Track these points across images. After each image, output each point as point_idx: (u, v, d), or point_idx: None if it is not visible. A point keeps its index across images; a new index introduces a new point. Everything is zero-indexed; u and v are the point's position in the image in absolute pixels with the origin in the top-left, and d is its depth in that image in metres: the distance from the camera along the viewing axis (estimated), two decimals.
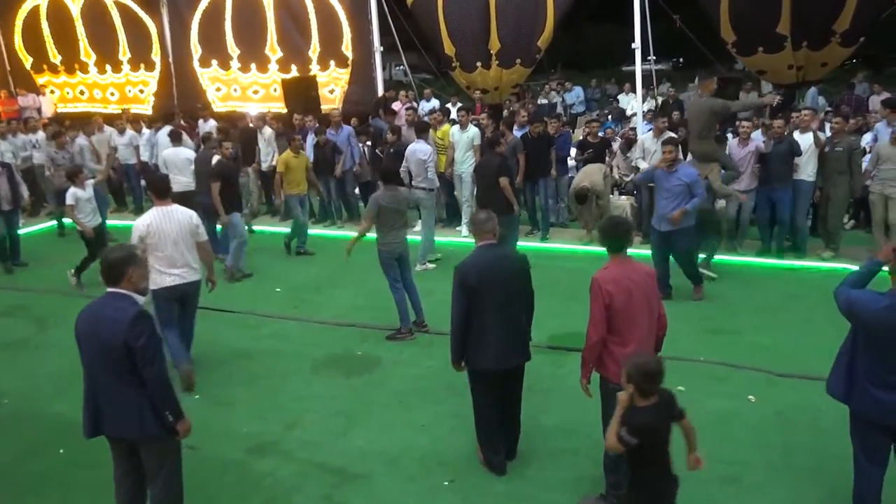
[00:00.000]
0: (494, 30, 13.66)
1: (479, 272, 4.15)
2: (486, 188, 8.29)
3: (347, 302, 7.48)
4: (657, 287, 3.97)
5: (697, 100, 8.59)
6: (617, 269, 3.87)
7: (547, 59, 28.75)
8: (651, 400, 3.20)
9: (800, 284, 7.69)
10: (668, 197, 7.04)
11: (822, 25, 12.09)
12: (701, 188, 7.03)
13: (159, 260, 5.48)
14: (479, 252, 4.30)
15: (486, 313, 4.17)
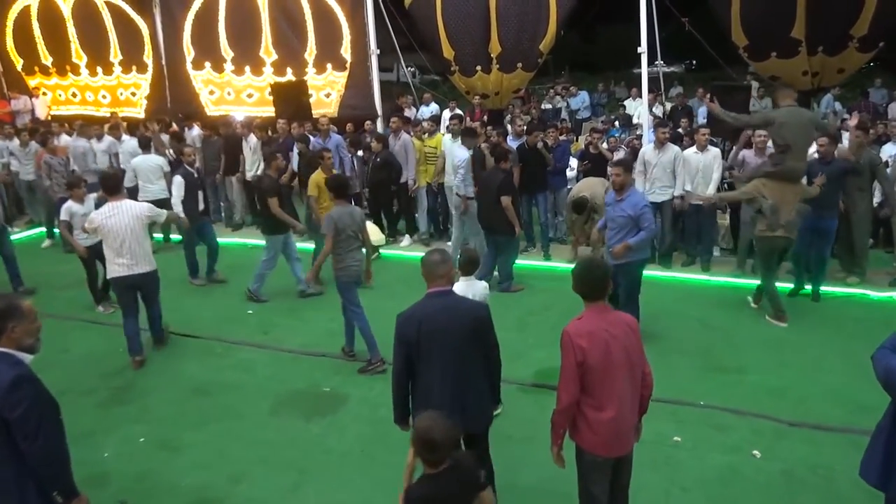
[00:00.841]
0: (495, 32, 13.10)
1: (421, 323, 3.57)
2: (488, 206, 7.80)
3: (322, 327, 6.97)
4: (640, 341, 3.41)
5: (798, 110, 7.01)
6: (592, 320, 3.32)
7: (554, 62, 28.45)
8: (437, 469, 2.77)
9: (812, 312, 7.10)
10: (613, 228, 6.26)
11: (838, 30, 11.46)
12: (648, 220, 6.04)
13: (109, 250, 6.12)
14: (427, 300, 3.69)
15: (431, 371, 3.61)
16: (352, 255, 6.03)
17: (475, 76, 13.58)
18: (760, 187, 6.64)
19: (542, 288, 7.83)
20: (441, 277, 3.69)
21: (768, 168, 6.83)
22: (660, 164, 8.23)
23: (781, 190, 6.58)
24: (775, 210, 6.50)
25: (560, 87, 18.24)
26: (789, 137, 6.54)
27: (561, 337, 3.31)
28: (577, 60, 31.41)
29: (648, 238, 6.18)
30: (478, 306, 3.83)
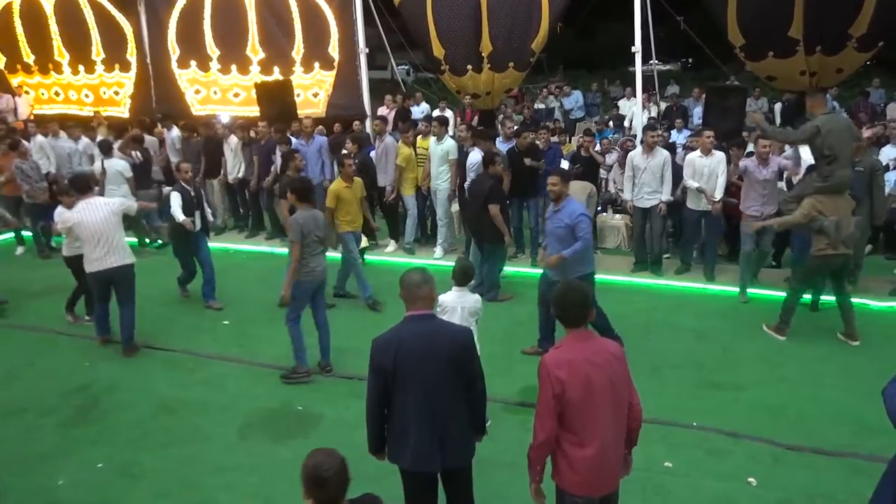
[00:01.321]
0: (486, 31, 12.80)
1: (399, 351, 3.26)
2: (476, 213, 7.52)
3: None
4: (627, 370, 3.11)
5: (836, 116, 6.67)
6: (573, 349, 3.03)
7: (548, 60, 28.15)
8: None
9: (810, 323, 6.81)
10: (550, 241, 5.94)
11: (837, 29, 11.20)
12: (584, 230, 5.68)
13: (86, 246, 6.25)
14: (405, 325, 3.37)
15: (408, 403, 3.30)
16: (315, 259, 5.83)
17: (466, 75, 13.28)
18: (816, 205, 6.12)
19: (531, 297, 7.49)
20: (421, 300, 3.37)
21: (818, 183, 6.24)
22: (648, 169, 7.93)
23: (836, 204, 6.13)
24: (839, 227, 6.02)
25: (553, 87, 17.92)
26: (836, 146, 6.08)
27: (538, 367, 3.02)
28: (573, 58, 31.14)
29: (584, 249, 5.72)
30: (461, 333, 3.46)
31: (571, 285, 3.16)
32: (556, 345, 3.13)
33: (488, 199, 7.27)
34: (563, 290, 3.15)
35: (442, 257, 9.05)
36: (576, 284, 3.20)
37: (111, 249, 6.21)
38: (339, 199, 7.23)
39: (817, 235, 6.13)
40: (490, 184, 7.39)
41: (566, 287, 3.17)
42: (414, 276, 3.42)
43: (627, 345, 6.28)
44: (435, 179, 9.04)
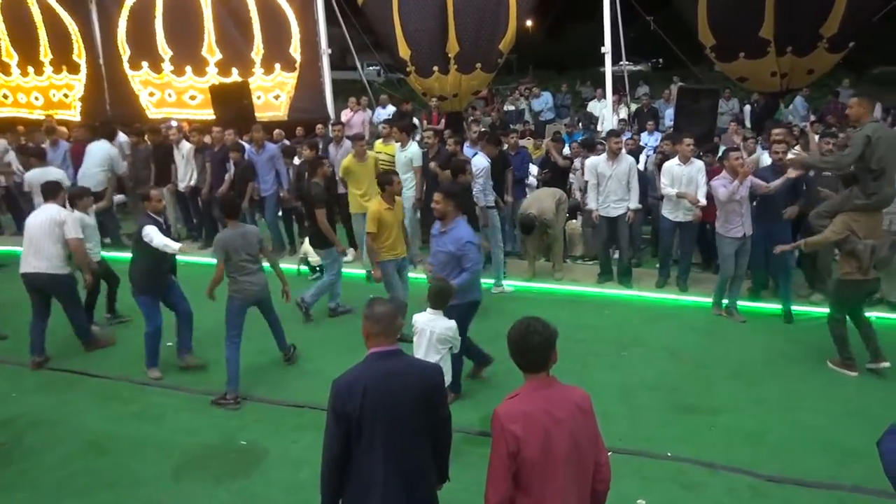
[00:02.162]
0: (452, 31, 12.43)
1: (366, 395, 2.80)
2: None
3: (248, 361, 6.16)
4: (594, 423, 2.72)
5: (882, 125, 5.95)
6: (531, 399, 2.63)
7: (518, 61, 27.87)
8: None
9: (786, 337, 6.52)
10: (436, 264, 5.35)
11: (808, 30, 11.07)
12: (472, 260, 5.07)
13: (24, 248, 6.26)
14: (370, 363, 2.93)
15: (374, 456, 2.82)
16: (248, 278, 5.57)
17: (432, 77, 12.90)
18: (851, 224, 5.49)
19: (497, 311, 7.13)
20: (388, 335, 2.94)
21: (860, 200, 5.52)
22: (614, 177, 7.56)
23: (874, 224, 5.53)
24: (874, 251, 5.40)
25: (523, 88, 17.58)
26: (886, 158, 5.36)
27: (491, 420, 2.62)
28: (543, 59, 30.91)
29: (473, 280, 5.16)
30: (431, 371, 3.03)
31: (531, 325, 2.72)
32: (512, 393, 2.74)
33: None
34: (521, 329, 2.72)
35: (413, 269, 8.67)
36: (536, 324, 2.74)
37: (40, 255, 6.14)
38: (381, 224, 6.20)
39: (846, 258, 5.55)
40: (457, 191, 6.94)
41: (525, 327, 2.72)
42: (379, 308, 2.96)
43: (599, 363, 6.05)
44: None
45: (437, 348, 4.60)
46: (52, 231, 6.12)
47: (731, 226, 6.80)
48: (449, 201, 5.28)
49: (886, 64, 27.53)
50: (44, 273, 6.12)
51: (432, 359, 4.47)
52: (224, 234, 5.56)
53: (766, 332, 6.62)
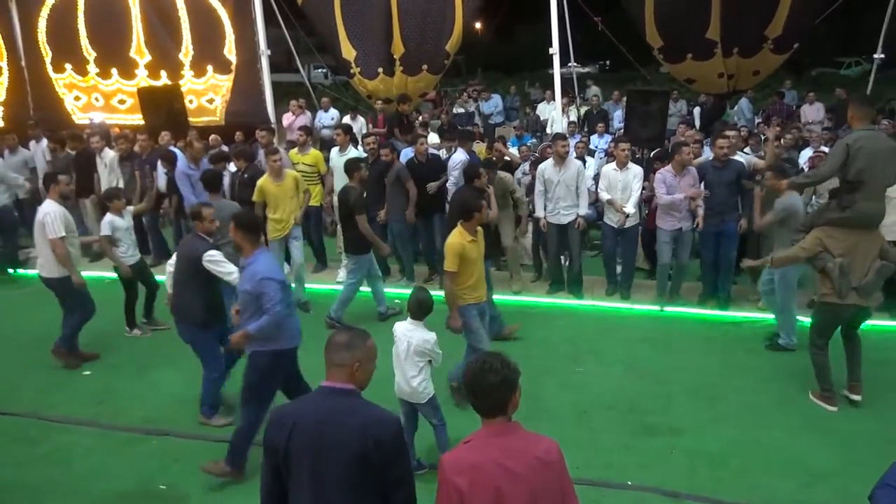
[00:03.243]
0: (397, 31, 12.03)
1: (294, 431, 2.43)
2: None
3: (172, 391, 5.67)
4: (562, 477, 2.33)
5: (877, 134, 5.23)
6: (484, 448, 2.27)
7: (467, 62, 27.62)
8: None
9: (741, 346, 6.30)
10: (240, 303, 4.50)
11: (753, 31, 11.10)
12: (271, 299, 4.17)
13: None
14: (312, 397, 2.63)
15: (301, 497, 2.44)
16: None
17: (377, 79, 12.47)
18: (824, 239, 5.01)
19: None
20: (340, 367, 2.53)
21: (834, 213, 5.04)
22: (562, 183, 7.23)
23: (853, 242, 4.94)
24: (846, 270, 4.89)
25: (472, 90, 17.28)
26: (866, 171, 4.85)
27: (438, 467, 2.25)
28: (492, 61, 30.76)
29: (271, 325, 4.24)
30: (381, 423, 2.46)
31: (487, 363, 2.35)
32: (467, 438, 2.35)
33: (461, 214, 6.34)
34: (476, 368, 2.35)
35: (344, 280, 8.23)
36: (493, 362, 2.35)
37: (41, 257, 6.10)
38: (463, 260, 5.10)
39: (822, 277, 5.05)
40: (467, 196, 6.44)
41: (480, 365, 2.35)
42: (339, 337, 2.60)
43: (553, 381, 5.70)
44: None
45: (414, 361, 4.33)
46: (41, 230, 5.96)
47: (668, 219, 6.94)
48: (239, 232, 4.37)
49: (823, 65, 28.32)
50: (51, 278, 6.04)
51: (409, 372, 4.33)
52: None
53: (722, 342, 6.40)
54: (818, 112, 13.15)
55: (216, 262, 4.94)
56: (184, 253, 5.10)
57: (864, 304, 4.99)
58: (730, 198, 6.85)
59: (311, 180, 8.21)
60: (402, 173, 7.62)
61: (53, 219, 5.90)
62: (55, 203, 6.06)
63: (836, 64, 28.82)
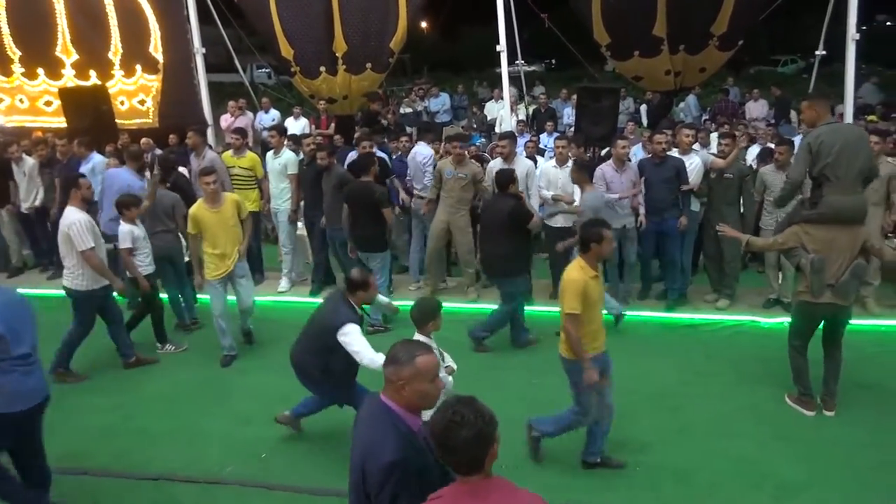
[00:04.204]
0: (339, 29, 11.58)
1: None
2: (492, 240, 6.20)
3: (95, 423, 5.14)
4: None
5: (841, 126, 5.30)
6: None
7: (413, 61, 27.28)
8: None
9: (700, 352, 6.12)
10: None
11: (699, 28, 11.07)
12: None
13: None
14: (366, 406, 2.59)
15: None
16: None
17: (319, 78, 11.97)
18: (802, 236, 4.88)
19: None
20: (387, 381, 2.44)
21: (807, 211, 4.95)
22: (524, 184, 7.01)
23: (830, 238, 4.78)
24: (818, 267, 4.72)
25: (418, 89, 16.93)
26: (832, 165, 4.74)
27: None
28: (439, 60, 30.50)
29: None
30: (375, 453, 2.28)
31: (457, 414, 2.05)
32: (435, 494, 2.05)
33: (518, 220, 6.05)
34: (443, 420, 2.06)
35: (289, 290, 7.80)
36: (464, 412, 2.06)
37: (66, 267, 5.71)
38: (586, 300, 4.16)
39: (801, 276, 4.98)
40: (512, 205, 6.07)
41: (448, 417, 2.06)
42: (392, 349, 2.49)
43: (507, 396, 5.31)
44: (275, 199, 7.77)
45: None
46: (66, 241, 5.56)
47: (612, 216, 6.64)
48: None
49: (761, 63, 28.99)
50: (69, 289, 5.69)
51: None
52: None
53: (680, 347, 6.21)
54: (762, 109, 13.27)
55: (351, 338, 4.28)
56: (323, 313, 4.54)
57: (840, 303, 4.80)
58: (669, 195, 6.77)
59: (247, 185, 7.75)
60: (342, 178, 7.21)
61: (80, 230, 5.46)
62: (79, 210, 5.61)
63: (773, 62, 29.54)
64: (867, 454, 4.43)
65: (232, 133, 8.22)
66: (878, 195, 6.42)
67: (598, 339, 4.31)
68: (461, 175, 7.08)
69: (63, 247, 5.61)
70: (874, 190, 6.35)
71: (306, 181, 7.50)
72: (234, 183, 7.78)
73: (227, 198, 6.10)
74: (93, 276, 5.59)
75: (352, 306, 4.43)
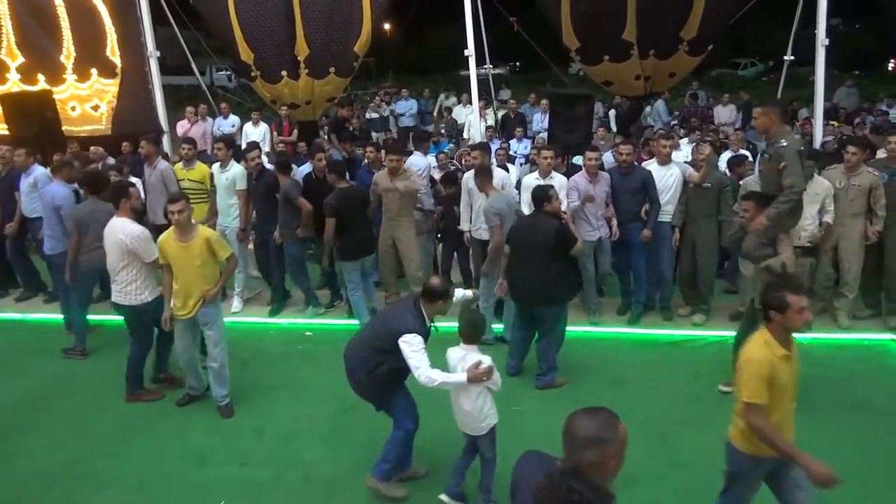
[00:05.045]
0: (301, 32, 11.16)
1: None
2: (530, 265, 5.47)
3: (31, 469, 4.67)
4: None
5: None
6: None
7: (377, 65, 26.84)
8: None
9: (684, 370, 5.89)
10: None
11: (669, 32, 10.95)
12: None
13: None
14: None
15: None
16: None
17: (281, 83, 11.53)
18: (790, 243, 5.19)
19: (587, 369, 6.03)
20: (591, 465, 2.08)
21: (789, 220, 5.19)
22: (483, 199, 6.66)
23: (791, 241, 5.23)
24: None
25: (383, 93, 16.55)
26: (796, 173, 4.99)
27: None
28: (404, 63, 30.11)
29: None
30: None
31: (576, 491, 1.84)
32: None
33: (561, 244, 5.43)
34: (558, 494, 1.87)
35: (241, 310, 7.39)
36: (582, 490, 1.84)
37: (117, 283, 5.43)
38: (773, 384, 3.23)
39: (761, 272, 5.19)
40: (554, 227, 5.46)
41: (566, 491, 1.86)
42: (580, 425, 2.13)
43: None
44: (223, 216, 7.29)
45: (467, 391, 3.94)
46: (122, 253, 5.26)
47: (586, 229, 6.58)
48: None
49: (722, 66, 29.31)
50: (122, 304, 5.42)
51: (464, 406, 3.97)
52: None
53: (664, 368, 5.96)
54: (731, 113, 13.24)
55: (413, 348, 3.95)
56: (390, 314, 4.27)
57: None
58: (635, 206, 6.58)
59: (197, 198, 7.32)
60: (290, 192, 6.81)
61: (144, 240, 5.23)
62: (131, 221, 5.32)
63: (734, 65, 29.91)
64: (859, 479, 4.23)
65: (183, 143, 7.74)
66: (858, 206, 6.31)
67: (783, 432, 3.27)
68: (398, 187, 6.73)
69: (115, 259, 5.26)
70: (850, 200, 6.25)
71: (255, 195, 7.10)
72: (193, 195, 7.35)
73: (199, 234, 5.14)
74: (147, 287, 5.31)
75: (422, 316, 4.09)
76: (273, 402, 5.51)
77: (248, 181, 7.10)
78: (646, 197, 6.56)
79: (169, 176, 7.40)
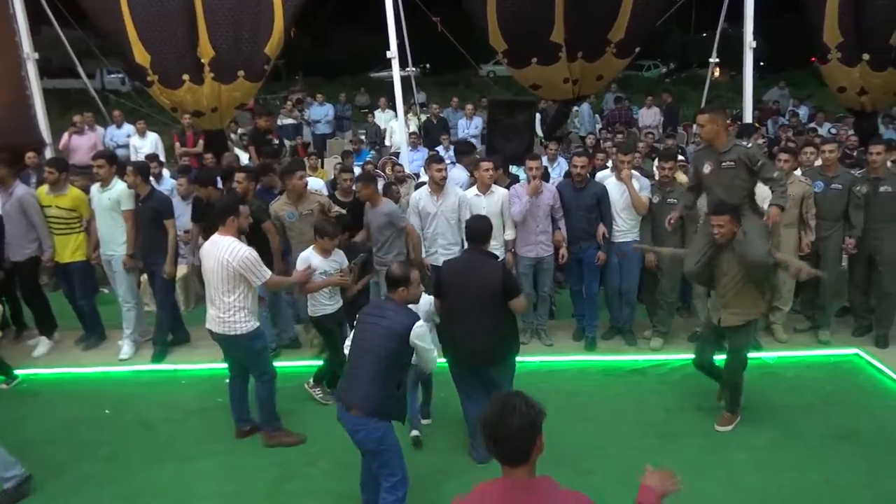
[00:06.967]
0: (204, 32, 10.08)
1: None
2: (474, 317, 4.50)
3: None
4: None
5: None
6: None
7: (286, 67, 25.61)
8: None
9: (660, 403, 5.42)
10: None
11: (596, 34, 10.64)
12: None
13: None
14: None
15: None
16: None
17: (182, 88, 10.35)
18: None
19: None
20: None
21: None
22: (441, 215, 6.01)
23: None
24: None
25: (295, 98, 15.54)
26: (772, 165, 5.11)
27: None
28: (312, 65, 28.94)
29: None
30: None
31: (511, 404, 2.16)
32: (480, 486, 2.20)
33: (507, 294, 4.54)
34: (497, 409, 2.17)
35: (132, 356, 6.39)
36: (516, 401, 2.17)
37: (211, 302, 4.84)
38: None
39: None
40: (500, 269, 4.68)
41: (502, 406, 2.17)
42: None
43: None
44: (107, 245, 6.31)
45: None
46: (229, 276, 4.67)
47: (525, 244, 6.10)
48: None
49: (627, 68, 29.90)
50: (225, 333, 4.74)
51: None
52: None
53: (633, 400, 5.47)
54: (655, 116, 13.15)
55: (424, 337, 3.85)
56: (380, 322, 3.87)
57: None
58: (587, 224, 6.11)
59: (69, 229, 6.37)
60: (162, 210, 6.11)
61: (256, 261, 4.68)
62: (237, 240, 4.72)
63: (638, 66, 30.63)
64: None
65: (46, 166, 6.52)
66: (791, 216, 5.97)
67: None
68: (305, 213, 5.89)
69: (220, 283, 4.65)
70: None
71: (140, 220, 6.18)
72: (53, 228, 6.36)
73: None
74: (253, 311, 4.77)
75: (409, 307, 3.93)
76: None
77: (135, 201, 6.15)
78: (599, 214, 6.07)
79: (30, 203, 6.24)
